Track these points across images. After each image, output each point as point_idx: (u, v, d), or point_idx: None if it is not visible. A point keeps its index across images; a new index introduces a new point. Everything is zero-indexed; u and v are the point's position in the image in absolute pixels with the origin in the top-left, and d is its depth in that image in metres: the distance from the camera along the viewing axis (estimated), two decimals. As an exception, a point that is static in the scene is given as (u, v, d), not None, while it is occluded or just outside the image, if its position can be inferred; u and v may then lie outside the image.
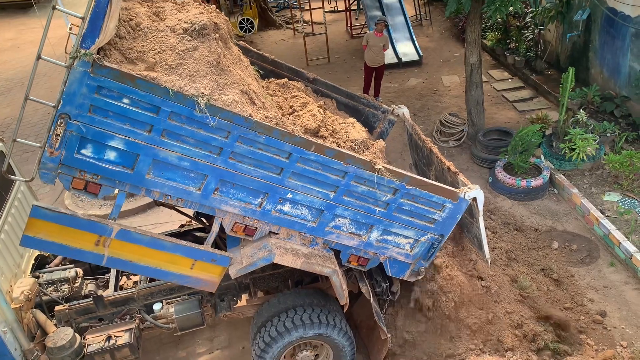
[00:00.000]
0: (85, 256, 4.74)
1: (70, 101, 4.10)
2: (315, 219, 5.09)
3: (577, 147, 8.52)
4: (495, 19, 11.27)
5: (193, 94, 4.27)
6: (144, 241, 4.78)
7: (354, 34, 16.73)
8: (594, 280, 7.26)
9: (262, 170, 4.72)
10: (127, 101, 4.20)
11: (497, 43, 13.83)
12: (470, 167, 9.92)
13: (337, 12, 18.62)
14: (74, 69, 4.00)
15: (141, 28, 4.68)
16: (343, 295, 5.41)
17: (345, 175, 4.89)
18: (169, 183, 4.59)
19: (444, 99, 12.54)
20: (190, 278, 5.08)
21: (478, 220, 5.54)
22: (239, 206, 4.84)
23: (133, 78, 4.13)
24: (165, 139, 4.40)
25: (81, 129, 4.19)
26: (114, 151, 4.37)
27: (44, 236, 4.52)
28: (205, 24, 4.73)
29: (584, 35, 11.09)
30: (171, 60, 4.52)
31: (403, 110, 6.71)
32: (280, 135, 4.56)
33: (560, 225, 8.34)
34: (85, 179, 4.42)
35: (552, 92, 11.53)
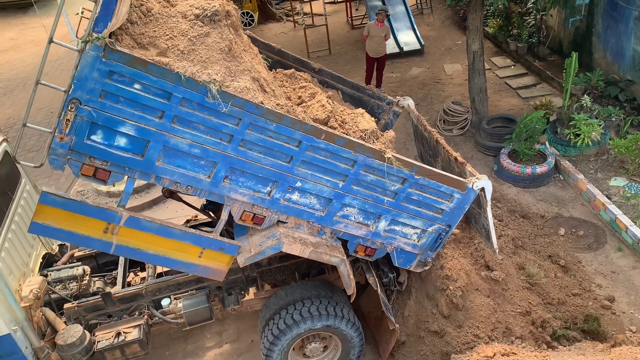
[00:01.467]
0: (94, 244, 4.73)
1: (82, 86, 4.08)
2: (323, 208, 5.09)
3: (582, 132, 8.47)
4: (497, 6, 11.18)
5: (205, 80, 4.25)
6: (152, 229, 4.77)
7: (354, 25, 16.64)
8: (602, 265, 7.24)
9: (272, 159, 4.71)
10: (138, 87, 4.18)
11: (499, 30, 13.74)
12: (475, 155, 9.88)
13: (337, 3, 18.53)
14: (85, 53, 3.97)
15: (152, 13, 4.65)
16: (350, 284, 5.42)
17: (354, 164, 4.88)
18: (179, 170, 4.58)
19: (447, 88, 12.48)
20: (198, 266, 5.08)
21: (486, 210, 5.53)
22: (248, 194, 4.83)
23: (145, 63, 4.10)
24: (176, 125, 4.39)
25: (92, 114, 4.18)
26: (124, 137, 4.35)
27: (53, 223, 4.51)
28: (217, 10, 4.70)
29: (587, 20, 10.99)
30: (183, 46, 4.50)
31: (408, 101, 6.68)
32: (291, 122, 4.55)
33: (566, 211, 8.31)
34: (95, 165, 4.41)
35: (555, 78, 11.46)
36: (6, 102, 14.22)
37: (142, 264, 6.45)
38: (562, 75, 9.22)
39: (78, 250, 6.53)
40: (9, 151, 5.95)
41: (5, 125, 12.55)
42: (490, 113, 10.44)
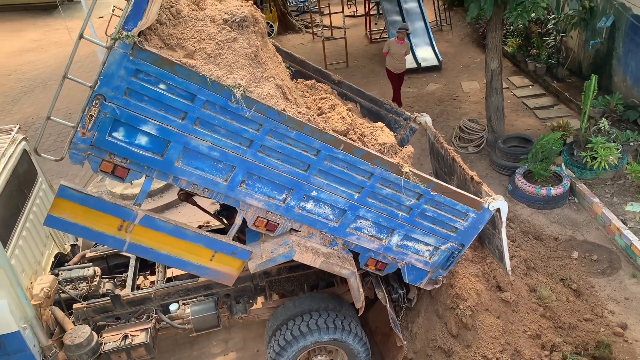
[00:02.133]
0: (107, 240, 4.75)
1: (107, 82, 4.12)
2: (337, 219, 5.08)
3: (599, 155, 8.40)
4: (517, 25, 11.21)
5: (230, 85, 4.28)
6: (167, 229, 4.79)
7: (373, 39, 16.71)
8: (615, 291, 7.14)
9: (289, 166, 4.72)
10: (163, 87, 4.22)
11: (518, 49, 13.71)
12: (490, 174, 9.82)
13: (357, 17, 18.63)
14: (114, 50, 4.01)
15: (182, 15, 4.70)
16: (359, 298, 5.39)
17: (371, 177, 4.87)
18: (197, 172, 4.60)
19: (463, 105, 12.46)
20: (208, 270, 5.08)
21: (500, 231, 5.47)
22: (264, 200, 4.84)
23: (172, 64, 4.14)
24: (197, 127, 4.41)
25: (115, 111, 4.21)
26: (145, 136, 4.39)
27: (68, 217, 4.53)
28: (246, 16, 4.74)
29: (608, 43, 10.94)
30: (210, 50, 4.53)
31: (425, 118, 6.67)
32: (311, 131, 4.57)
33: (580, 234, 8.22)
34: (114, 162, 4.44)
35: (573, 100, 11.39)
36: (27, 102, 14.44)
37: (152, 267, 6.49)
38: (581, 97, 9.16)
39: (89, 251, 6.57)
40: (28, 150, 6.03)
41: (25, 124, 12.71)
42: (506, 132, 10.40)
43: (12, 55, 17.98)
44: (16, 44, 19.07)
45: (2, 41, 19.37)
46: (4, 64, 17.27)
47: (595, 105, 9.59)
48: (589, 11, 11.18)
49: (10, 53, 18.20)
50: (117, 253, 6.55)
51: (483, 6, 8.35)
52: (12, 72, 16.62)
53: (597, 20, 10.98)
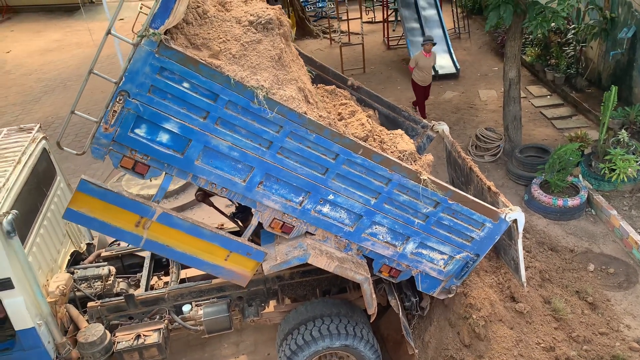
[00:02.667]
0: (124, 236, 4.80)
1: (132, 79, 4.16)
2: (353, 224, 5.08)
3: (618, 167, 8.30)
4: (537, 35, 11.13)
5: (253, 86, 4.31)
6: (184, 227, 4.81)
7: (390, 45, 16.70)
8: (632, 305, 7.03)
9: (308, 169, 4.73)
10: (187, 85, 4.25)
11: (537, 59, 13.62)
12: (506, 183, 9.75)
13: (375, 23, 18.63)
14: (140, 47, 4.06)
15: (208, 16, 4.73)
16: (372, 304, 5.37)
17: (389, 183, 4.87)
18: (216, 171, 4.63)
19: (481, 113, 12.39)
20: (223, 269, 5.10)
21: (517, 242, 5.43)
22: (280, 202, 4.85)
23: (196, 63, 4.18)
24: (219, 127, 4.44)
25: (139, 107, 4.26)
26: (167, 134, 4.42)
27: (87, 211, 4.57)
28: (272, 19, 4.78)
29: (628, 54, 10.82)
30: (235, 51, 4.56)
31: (443, 127, 6.64)
32: (331, 135, 4.58)
33: (597, 247, 8.12)
34: (135, 159, 4.48)
35: (592, 111, 11.28)
36: (47, 101, 14.64)
37: (166, 268, 6.52)
38: (600, 108, 9.08)
39: (105, 250, 6.64)
40: (47, 149, 6.11)
41: (45, 123, 12.88)
42: (523, 142, 10.32)
43: (33, 55, 18.26)
44: (37, 44, 19.37)
45: (24, 41, 19.68)
46: (25, 64, 17.54)
47: (614, 116, 9.48)
48: (610, 22, 11.08)
49: (32, 53, 18.48)
50: (132, 253, 6.61)
51: (502, 15, 8.32)
52: (32, 71, 16.87)
53: (618, 31, 10.87)
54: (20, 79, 16.38)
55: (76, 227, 6.68)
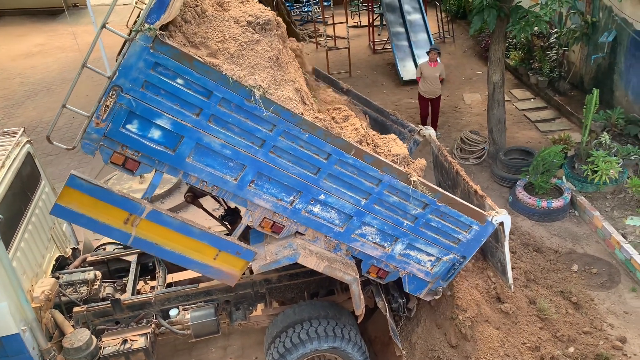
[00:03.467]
0: (113, 233, 4.73)
1: (126, 74, 4.13)
2: (343, 225, 5.10)
3: (600, 169, 8.43)
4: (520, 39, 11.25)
5: (250, 85, 4.31)
6: (173, 225, 4.77)
7: (376, 50, 16.82)
8: (614, 305, 7.14)
9: (300, 168, 4.73)
10: (181, 81, 4.23)
11: (521, 62, 13.79)
12: (490, 185, 9.85)
13: (360, 27, 18.74)
14: (135, 42, 4.03)
15: (206, 15, 4.72)
16: (360, 305, 5.39)
17: (379, 184, 4.90)
18: (208, 169, 4.61)
19: (465, 117, 12.51)
20: (212, 268, 5.07)
21: (503, 245, 5.50)
22: (271, 201, 4.84)
23: (191, 59, 4.16)
24: (211, 124, 4.42)
25: (131, 103, 4.22)
26: (159, 130, 4.39)
27: (75, 207, 4.50)
28: (270, 19, 4.79)
29: (609, 58, 11.01)
30: (233, 50, 4.56)
31: (430, 131, 6.71)
32: (324, 135, 4.59)
33: (580, 247, 8.23)
34: (126, 155, 4.43)
35: (575, 114, 11.44)
36: (30, 105, 14.50)
37: (153, 272, 6.49)
38: (582, 111, 9.22)
39: (90, 255, 6.58)
40: (32, 153, 6.06)
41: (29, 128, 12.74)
42: (507, 144, 10.44)
43: (17, 59, 18.08)
44: (21, 48, 19.19)
45: (7, 45, 19.49)
46: (9, 68, 17.37)
47: (596, 119, 9.64)
48: (591, 26, 11.28)
49: (15, 57, 18.30)
50: (118, 257, 6.56)
51: (486, 19, 8.42)
52: (16, 75, 16.70)
53: (599, 35, 11.07)
54: (3, 83, 16.21)
55: (61, 231, 6.63)
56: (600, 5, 11.18)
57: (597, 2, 11.27)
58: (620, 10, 10.40)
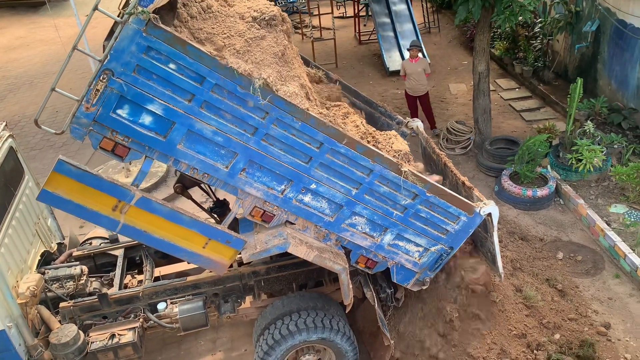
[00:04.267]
0: (101, 220, 4.66)
1: (117, 57, 4.06)
2: (333, 214, 5.10)
3: (584, 158, 8.51)
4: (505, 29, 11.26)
5: (250, 74, 4.29)
6: (162, 212, 4.73)
7: (362, 40, 16.78)
8: (599, 291, 7.24)
9: (291, 157, 4.72)
10: (173, 66, 4.18)
11: (506, 52, 13.85)
12: (477, 175, 9.91)
13: (346, 18, 18.68)
14: (127, 25, 3.96)
15: (212, 10, 4.69)
16: (349, 295, 5.42)
17: (370, 173, 4.91)
18: (199, 156, 4.57)
19: (451, 107, 12.55)
20: (200, 257, 5.04)
21: (492, 235, 5.54)
22: (262, 190, 4.82)
23: (184, 44, 4.10)
24: (203, 110, 4.38)
25: (122, 87, 4.16)
26: (150, 115, 4.33)
27: (63, 193, 4.43)
28: (275, 15, 4.78)
29: (593, 47, 11.09)
30: (239, 46, 4.55)
31: (417, 123, 6.72)
32: (316, 123, 4.57)
33: (565, 235, 8.32)
34: (116, 140, 4.37)
35: (559, 103, 11.53)
36: (12, 100, 14.29)
37: (140, 266, 6.46)
38: (567, 100, 9.30)
39: (76, 249, 6.53)
40: (14, 147, 5.98)
41: (11, 122, 12.58)
42: (493, 134, 10.50)
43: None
44: (1, 41, 18.87)
45: (-13, 38, 19.18)
46: (-11, 61, 17.10)
47: (580, 108, 9.72)
48: (575, 15, 11.35)
49: (-5, 50, 18.03)
50: (104, 252, 6.52)
51: (471, 9, 8.43)
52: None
53: (583, 24, 11.15)
54: (-16, 77, 15.97)
55: (46, 226, 6.57)
56: (583, -6, 11.26)
57: (580, -8, 11.35)
58: (603, 0, 10.47)
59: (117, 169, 10.32)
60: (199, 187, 6.64)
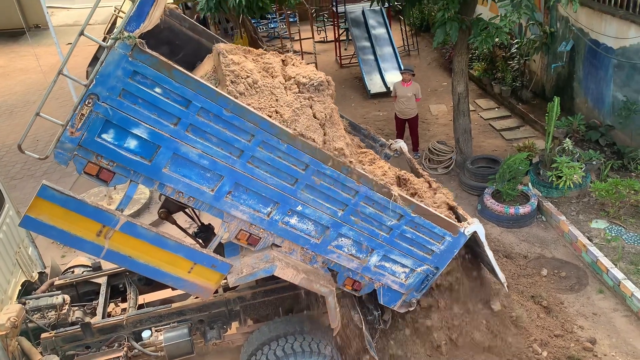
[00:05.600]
0: (84, 246, 4.58)
1: (103, 82, 4.06)
2: (319, 236, 5.10)
3: (564, 175, 8.64)
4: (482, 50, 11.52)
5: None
6: (147, 237, 4.67)
7: (343, 64, 16.99)
8: (584, 307, 7.29)
9: (277, 179, 4.72)
10: (159, 90, 4.18)
11: (484, 73, 14.10)
12: (459, 194, 9.99)
13: (327, 43, 18.91)
14: (113, 49, 3.97)
15: (258, 85, 4.81)
16: (336, 317, 5.38)
17: (356, 195, 4.92)
18: (184, 180, 4.54)
19: (432, 127, 12.70)
20: (186, 282, 4.97)
21: (484, 250, 5.60)
22: (248, 213, 4.81)
23: (170, 67, 4.12)
24: (189, 134, 4.38)
25: (108, 111, 4.14)
26: (135, 139, 4.31)
27: (46, 219, 4.36)
28: (323, 81, 4.97)
29: (568, 66, 11.36)
30: (287, 116, 4.68)
31: (400, 144, 6.79)
32: (302, 145, 4.61)
33: (548, 252, 8.40)
34: (100, 165, 4.33)
35: (538, 121, 11.73)
36: (-9, 128, 14.15)
37: (124, 294, 6.37)
38: (545, 119, 9.46)
39: (58, 278, 6.42)
40: None
41: (-10, 151, 12.45)
42: (474, 153, 10.63)
43: (-24, 82, 17.67)
44: (-20, 70, 18.76)
45: (-34, 68, 19.03)
46: (-32, 91, 16.95)
47: (558, 126, 9.90)
48: (550, 36, 11.63)
49: (-26, 79, 17.88)
50: (87, 280, 6.42)
51: (449, 32, 8.60)
52: (-24, 98, 16.31)
53: (558, 44, 11.42)
54: (-37, 106, 15.81)
55: (27, 255, 6.47)
56: (557, 16, 11.56)
57: (554, 13, 11.65)
58: (576, 21, 10.77)
59: (99, 197, 10.22)
60: (184, 212, 6.61)
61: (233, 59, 4.89)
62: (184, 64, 4.73)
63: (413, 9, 15.01)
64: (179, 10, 5.84)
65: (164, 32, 5.41)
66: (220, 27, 18.36)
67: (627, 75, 9.61)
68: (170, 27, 5.53)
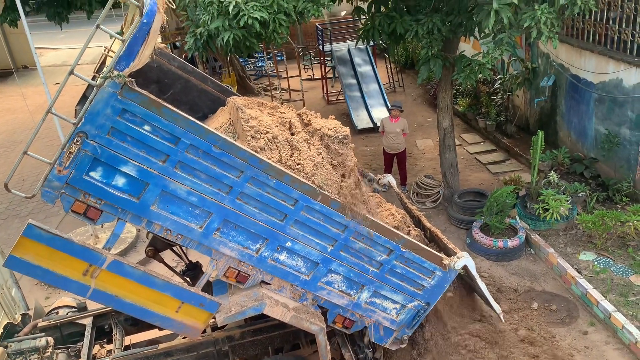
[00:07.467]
0: (70, 286, 4.48)
1: (92, 120, 4.05)
2: (309, 272, 5.05)
3: (551, 207, 8.71)
4: (466, 86, 11.74)
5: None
6: (134, 275, 4.58)
7: (330, 101, 17.20)
8: (575, 340, 7.24)
9: (266, 215, 4.70)
10: (148, 128, 4.18)
11: (468, 108, 14.34)
12: (448, 228, 10.01)
13: (314, 80, 19.19)
14: (103, 88, 3.98)
15: (279, 140, 4.87)
16: (327, 356, 5.29)
17: (345, 230, 4.92)
18: (172, 217, 4.50)
19: (419, 162, 12.81)
20: (174, 322, 4.86)
21: (476, 283, 5.59)
22: (237, 249, 4.76)
23: (159, 105, 4.13)
24: (178, 171, 4.36)
25: (96, 149, 4.12)
26: (123, 177, 4.28)
27: (31, 259, 4.27)
28: (347, 135, 5.10)
29: (551, 100, 11.60)
30: (309, 169, 4.74)
31: (389, 178, 6.83)
32: (291, 181, 4.61)
33: (538, 285, 8.39)
34: (88, 203, 4.28)
35: (523, 155, 11.89)
36: (-23, 169, 14.02)
37: (109, 335, 6.23)
38: (530, 152, 9.59)
39: (42, 320, 6.28)
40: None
41: (-26, 191, 12.29)
42: (461, 187, 10.70)
43: (-37, 122, 17.59)
44: (-33, 110, 18.70)
45: (-47, 108, 18.96)
46: (-46, 131, 16.84)
47: (543, 159, 10.03)
48: (532, 71, 11.91)
49: (-39, 120, 17.80)
50: (71, 321, 6.28)
51: (433, 68, 8.77)
52: (-38, 138, 16.21)
53: (540, 79, 11.69)
54: (-51, 146, 15.68)
55: (10, 297, 6.33)
56: (538, 52, 11.86)
57: (535, 49, 11.95)
58: (556, 57, 11.05)
59: (85, 236, 10.11)
60: (171, 250, 6.54)
61: (251, 114, 4.95)
62: (173, 102, 4.76)
63: (397, 47, 15.38)
64: (168, 49, 5.92)
65: (153, 70, 5.47)
66: (208, 65, 18.55)
67: (608, 108, 9.82)
68: (159, 66, 5.60)
